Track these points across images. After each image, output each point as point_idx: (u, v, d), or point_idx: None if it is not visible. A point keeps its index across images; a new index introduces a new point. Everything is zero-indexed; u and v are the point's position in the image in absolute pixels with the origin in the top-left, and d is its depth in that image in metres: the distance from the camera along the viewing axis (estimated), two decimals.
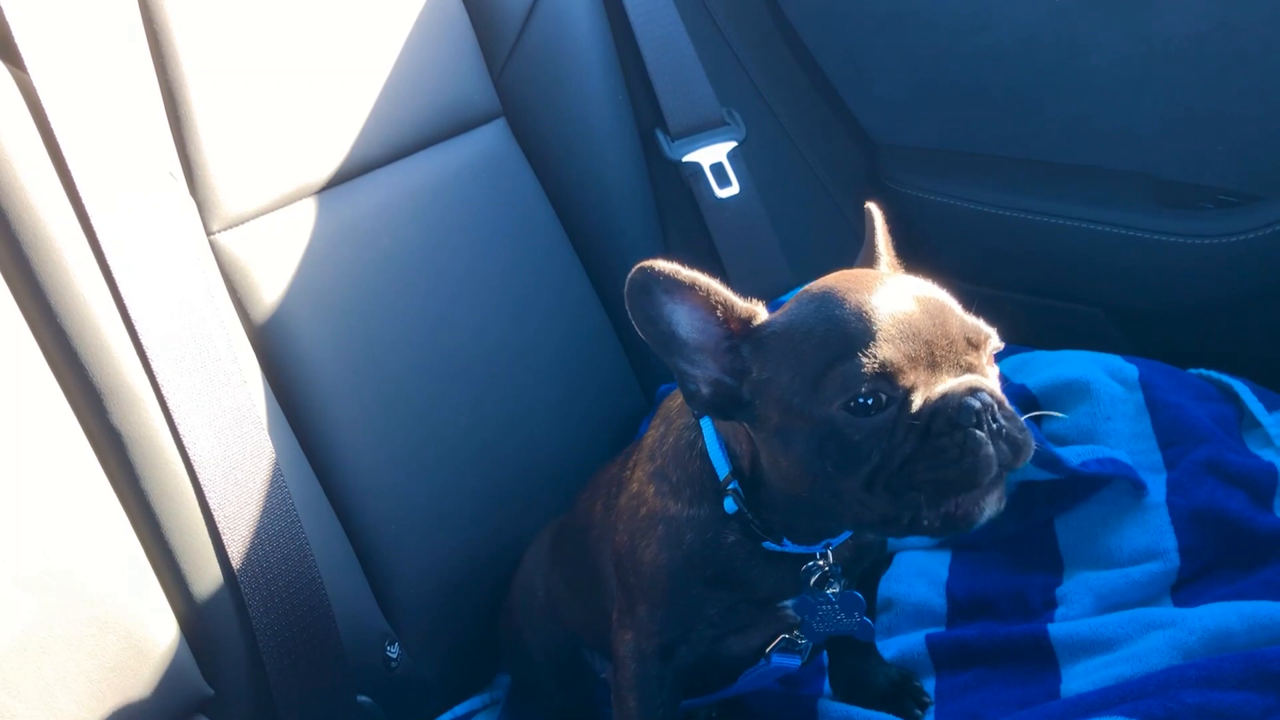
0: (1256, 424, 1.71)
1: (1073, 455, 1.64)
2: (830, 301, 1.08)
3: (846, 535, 1.24)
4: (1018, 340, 2.01)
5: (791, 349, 1.08)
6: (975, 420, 1.02)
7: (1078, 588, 1.55)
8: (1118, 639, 1.41)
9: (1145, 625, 1.41)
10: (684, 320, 1.10)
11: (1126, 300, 1.96)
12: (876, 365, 1.02)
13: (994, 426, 1.03)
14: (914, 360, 1.03)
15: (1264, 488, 1.57)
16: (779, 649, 1.33)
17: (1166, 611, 1.43)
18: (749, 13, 2.19)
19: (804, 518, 1.17)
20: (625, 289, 1.08)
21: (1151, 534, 1.56)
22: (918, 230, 2.14)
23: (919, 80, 2.07)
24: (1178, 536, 1.54)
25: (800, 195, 2.22)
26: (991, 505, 1.06)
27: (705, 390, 1.12)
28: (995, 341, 1.10)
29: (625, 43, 2.03)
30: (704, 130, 2.07)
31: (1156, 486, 1.62)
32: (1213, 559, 1.52)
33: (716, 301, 1.10)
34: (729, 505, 1.19)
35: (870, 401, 1.03)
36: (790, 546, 1.21)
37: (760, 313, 1.12)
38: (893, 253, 1.26)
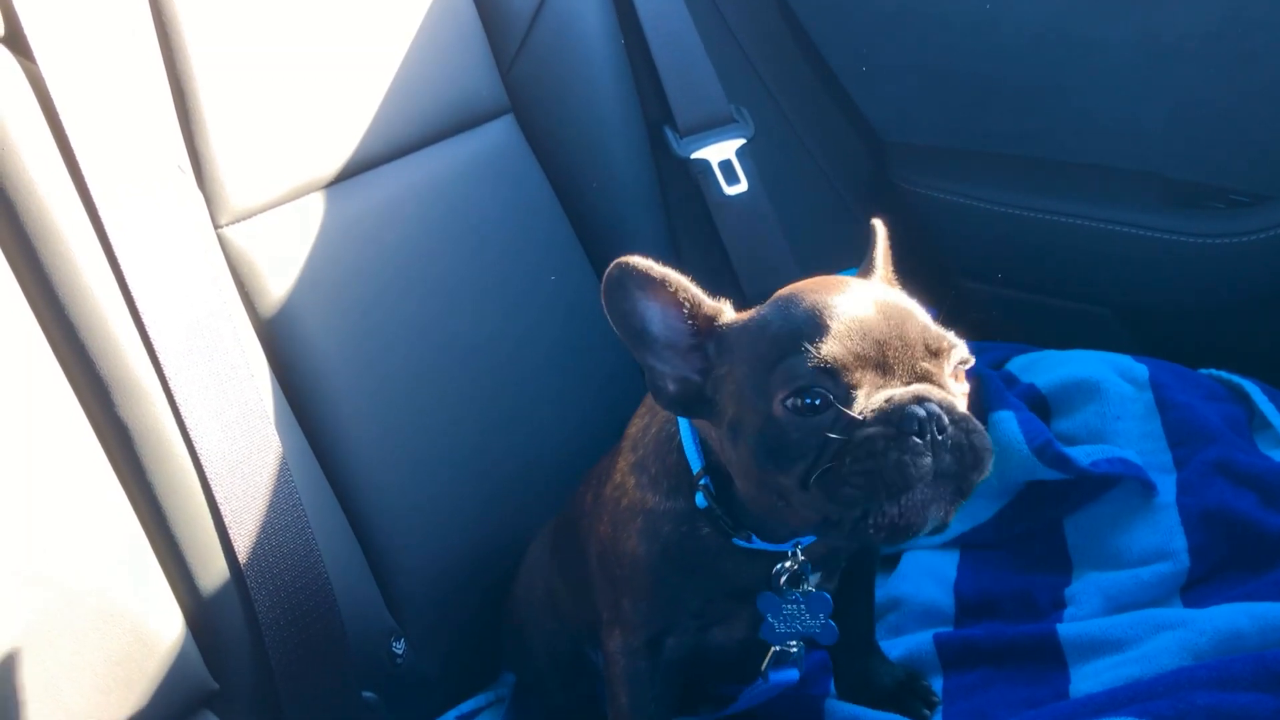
0: (1267, 424, 1.70)
1: (1082, 455, 1.63)
2: (791, 301, 1.10)
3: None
4: (1027, 339, 2.01)
5: (749, 344, 1.10)
6: (915, 427, 1.00)
7: (1087, 588, 1.55)
8: (1127, 639, 1.40)
9: (1155, 626, 1.40)
10: (655, 317, 1.13)
11: (1136, 300, 1.95)
12: (819, 360, 1.02)
13: (938, 436, 1.01)
14: (861, 360, 1.03)
15: (1274, 488, 1.56)
16: (772, 664, 1.33)
17: (1176, 612, 1.43)
18: (758, 10, 2.18)
19: (763, 515, 1.17)
20: (602, 285, 1.10)
21: (1161, 534, 1.56)
22: (926, 229, 2.13)
23: (927, 78, 2.06)
24: (1187, 537, 1.54)
25: (808, 193, 2.22)
26: (935, 513, 1.04)
27: (672, 387, 1.14)
28: (962, 352, 1.09)
29: (634, 39, 2.03)
30: (712, 127, 2.06)
31: (1166, 487, 1.62)
32: (1223, 559, 1.52)
33: (684, 299, 1.12)
34: (700, 500, 1.20)
35: (815, 401, 1.02)
36: (759, 543, 1.21)
37: (725, 311, 1.14)
38: (890, 268, 1.25)
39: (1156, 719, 1.19)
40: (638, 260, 1.10)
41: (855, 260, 1.28)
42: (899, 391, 1.03)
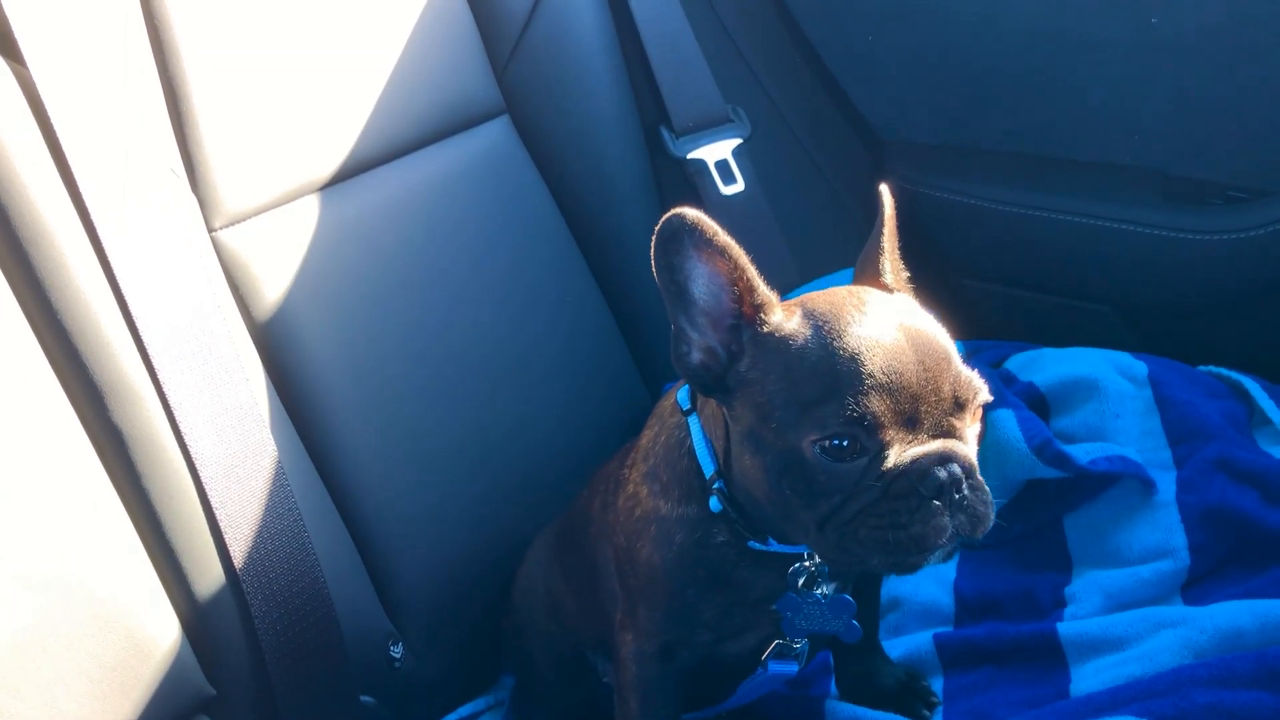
0: (1267, 421, 1.70)
1: (1082, 453, 1.63)
2: (833, 331, 1.06)
3: None
4: (1026, 337, 2.00)
5: (785, 364, 1.07)
6: (938, 491, 1.02)
7: (1087, 587, 1.54)
8: (1128, 638, 1.40)
9: (1156, 624, 1.40)
10: (701, 280, 1.08)
11: (1135, 297, 1.95)
12: (859, 415, 1.01)
13: (956, 498, 1.03)
14: (898, 415, 1.03)
15: (1275, 485, 1.55)
16: (773, 655, 1.32)
17: (1177, 610, 1.42)
18: (754, 9, 2.18)
19: (775, 517, 1.16)
20: (656, 229, 1.05)
21: (1161, 532, 1.55)
22: (924, 227, 2.12)
23: (925, 76, 2.06)
24: (1188, 535, 1.53)
25: (806, 192, 2.21)
26: (936, 560, 1.06)
27: (696, 356, 1.11)
28: (984, 396, 1.09)
29: (629, 39, 2.02)
30: (709, 127, 2.06)
31: (1166, 484, 1.61)
32: (1223, 557, 1.51)
33: (740, 277, 1.08)
34: (714, 504, 1.19)
35: (845, 444, 1.02)
36: (775, 546, 1.20)
37: (775, 307, 1.10)
38: (896, 252, 1.23)
39: (1158, 718, 1.19)
40: (701, 218, 1.05)
41: (853, 260, 1.27)
42: (927, 451, 1.03)
